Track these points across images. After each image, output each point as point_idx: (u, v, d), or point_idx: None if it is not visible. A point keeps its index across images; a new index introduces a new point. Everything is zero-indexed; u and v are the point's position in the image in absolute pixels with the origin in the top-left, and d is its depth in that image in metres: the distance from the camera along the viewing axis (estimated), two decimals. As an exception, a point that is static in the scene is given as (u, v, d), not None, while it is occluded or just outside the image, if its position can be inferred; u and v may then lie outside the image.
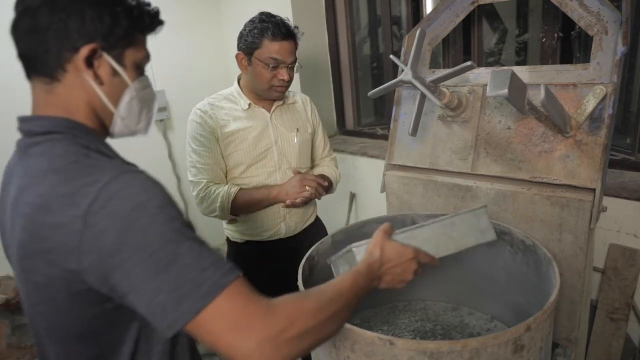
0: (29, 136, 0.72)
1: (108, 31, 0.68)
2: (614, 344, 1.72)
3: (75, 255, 0.62)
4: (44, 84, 0.70)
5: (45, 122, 0.70)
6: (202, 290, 0.61)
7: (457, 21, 1.46)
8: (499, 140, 1.30)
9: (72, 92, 0.70)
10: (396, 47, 2.52)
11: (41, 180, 0.65)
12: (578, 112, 1.16)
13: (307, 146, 1.72)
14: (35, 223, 0.64)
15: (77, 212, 0.61)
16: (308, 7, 2.62)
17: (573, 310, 1.23)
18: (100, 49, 0.69)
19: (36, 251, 0.65)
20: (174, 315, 0.61)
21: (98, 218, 0.61)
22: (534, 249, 1.15)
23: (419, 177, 1.46)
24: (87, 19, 0.67)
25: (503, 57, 2.46)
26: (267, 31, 1.45)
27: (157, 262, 0.61)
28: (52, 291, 0.67)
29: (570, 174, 1.18)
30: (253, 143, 1.59)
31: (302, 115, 1.72)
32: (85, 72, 0.69)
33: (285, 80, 1.52)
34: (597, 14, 1.18)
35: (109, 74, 0.71)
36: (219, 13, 3.03)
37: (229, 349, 0.62)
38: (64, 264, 0.63)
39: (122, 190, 0.62)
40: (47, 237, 0.63)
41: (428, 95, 1.23)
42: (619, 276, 1.70)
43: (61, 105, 0.71)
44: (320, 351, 0.99)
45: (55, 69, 0.68)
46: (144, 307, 0.63)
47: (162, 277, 0.61)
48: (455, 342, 0.81)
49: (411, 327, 1.33)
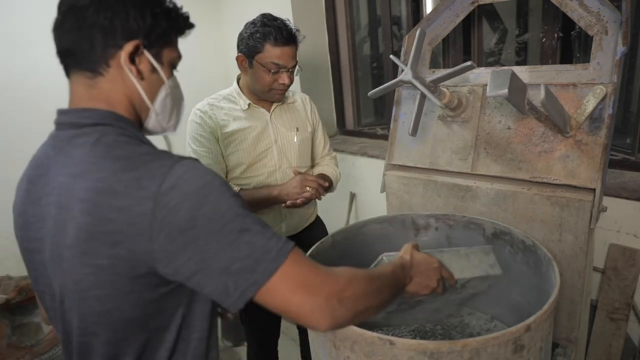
0: (74, 128, 0.74)
1: (149, 30, 0.73)
2: (614, 344, 1.72)
3: (145, 236, 0.65)
4: (86, 78, 0.74)
5: (93, 114, 0.74)
6: (271, 255, 0.67)
7: (457, 21, 1.46)
8: (499, 140, 1.30)
9: (114, 86, 0.74)
10: (396, 47, 2.51)
11: (100, 167, 0.68)
12: (578, 112, 1.16)
13: (307, 145, 1.72)
14: (100, 206, 0.66)
15: (147, 194, 0.65)
16: (308, 7, 2.62)
17: (573, 310, 1.23)
18: (142, 46, 0.74)
19: (101, 233, 0.66)
20: (250, 281, 0.66)
21: (169, 197, 0.65)
22: (534, 249, 1.15)
23: (419, 177, 1.46)
24: (131, 18, 0.72)
25: (503, 57, 2.46)
26: (270, 36, 1.44)
27: (230, 232, 0.66)
28: (113, 273, 0.68)
29: (570, 174, 1.18)
30: (253, 143, 1.59)
31: (301, 114, 1.72)
32: (127, 68, 0.73)
33: (286, 84, 1.53)
34: (597, 14, 1.18)
35: (148, 70, 0.76)
36: (219, 13, 3.03)
37: (299, 307, 0.69)
38: (131, 246, 0.66)
39: (187, 172, 0.67)
40: (114, 220, 0.66)
41: (428, 95, 1.23)
42: (619, 276, 1.70)
43: (104, 99, 0.74)
44: (321, 351, 0.99)
45: (100, 64, 0.73)
46: (215, 280, 0.66)
47: (235, 246, 0.66)
48: (455, 342, 0.81)
49: (411, 327, 1.33)
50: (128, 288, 0.70)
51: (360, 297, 0.74)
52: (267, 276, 0.67)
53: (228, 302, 0.68)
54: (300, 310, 0.69)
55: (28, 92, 2.42)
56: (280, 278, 0.67)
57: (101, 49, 0.71)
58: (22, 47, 2.38)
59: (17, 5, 2.34)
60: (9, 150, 2.41)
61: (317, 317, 0.69)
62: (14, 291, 2.17)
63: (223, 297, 0.68)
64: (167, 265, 0.67)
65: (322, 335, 0.96)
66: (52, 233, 0.73)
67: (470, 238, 1.32)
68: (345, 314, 0.71)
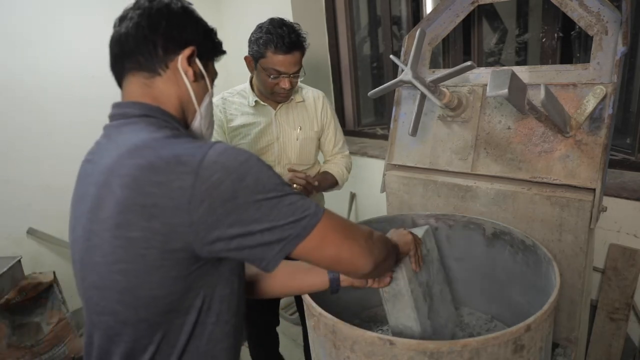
0: (123, 118, 0.81)
1: (201, 42, 0.86)
2: (614, 344, 1.72)
3: (183, 209, 0.68)
4: (143, 78, 0.82)
5: (141, 107, 0.81)
6: (311, 211, 0.74)
7: (457, 21, 1.46)
8: (499, 140, 1.30)
9: (169, 86, 0.83)
10: (396, 47, 2.51)
11: (143, 148, 0.73)
12: (578, 112, 1.16)
13: (310, 144, 1.73)
14: (139, 180, 0.69)
15: (187, 169, 0.68)
16: (308, 7, 2.62)
17: (573, 310, 1.23)
18: (196, 53, 0.85)
19: (137, 205, 0.69)
20: (294, 234, 0.72)
21: (211, 172, 0.68)
22: (534, 249, 1.15)
23: (419, 177, 1.46)
24: (188, 30, 0.84)
25: (503, 57, 2.46)
26: (271, 43, 1.48)
27: (272, 198, 0.71)
28: (145, 247, 0.70)
29: (570, 174, 1.18)
30: (255, 138, 1.65)
31: (309, 113, 1.73)
32: (183, 69, 0.83)
33: (287, 89, 1.56)
34: (597, 14, 1.18)
35: (198, 76, 0.87)
36: (219, 13, 3.03)
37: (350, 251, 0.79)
38: (167, 219, 0.68)
39: (226, 150, 0.72)
40: (151, 193, 0.68)
41: (428, 95, 1.23)
42: (619, 276, 1.70)
43: (157, 97, 0.82)
44: (321, 351, 0.99)
45: (160, 65, 0.82)
46: (257, 239, 0.71)
47: (277, 208, 0.71)
48: (455, 342, 0.81)
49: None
50: (158, 263, 0.71)
51: (382, 241, 0.88)
52: (310, 229, 0.73)
53: (268, 258, 0.73)
54: (352, 253, 0.79)
55: (28, 92, 2.42)
56: (324, 229, 0.75)
57: (163, 52, 0.81)
58: (22, 47, 2.38)
59: (17, 5, 2.34)
60: (9, 150, 2.41)
61: (365, 257, 0.81)
62: (14, 291, 2.16)
63: (265, 253, 0.72)
64: (204, 237, 0.69)
65: (322, 335, 0.96)
66: (88, 210, 0.76)
67: (470, 238, 1.32)
68: (378, 255, 0.84)
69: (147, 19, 0.81)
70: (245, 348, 2.62)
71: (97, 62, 0.98)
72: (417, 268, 1.09)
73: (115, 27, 0.84)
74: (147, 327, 0.76)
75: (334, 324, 0.90)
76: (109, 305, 0.76)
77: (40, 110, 2.47)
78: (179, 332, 0.77)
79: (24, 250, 2.45)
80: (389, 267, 0.96)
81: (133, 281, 0.73)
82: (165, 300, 0.74)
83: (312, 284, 1.02)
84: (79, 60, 2.48)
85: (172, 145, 0.73)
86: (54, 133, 2.49)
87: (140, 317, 0.75)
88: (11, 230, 2.49)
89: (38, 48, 2.42)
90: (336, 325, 0.90)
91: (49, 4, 2.41)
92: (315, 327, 0.99)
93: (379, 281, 1.04)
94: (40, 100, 2.46)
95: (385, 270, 0.96)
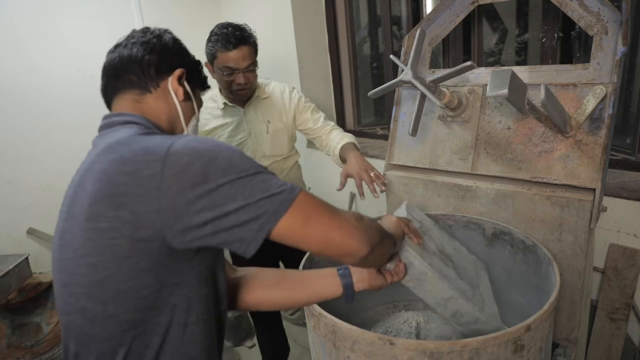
0: (108, 127, 0.84)
1: (190, 67, 0.93)
2: (614, 344, 1.72)
3: (152, 195, 0.67)
4: (134, 95, 0.87)
5: (125, 116, 0.84)
6: (287, 187, 0.71)
7: (457, 21, 1.46)
8: (499, 140, 1.30)
9: (158, 103, 0.88)
10: (396, 47, 2.51)
11: (116, 145, 0.74)
12: (578, 112, 1.16)
13: (280, 135, 1.82)
14: (110, 172, 0.70)
15: (156, 157, 0.68)
16: (308, 7, 2.62)
17: (573, 310, 1.23)
18: (185, 75, 0.91)
19: (106, 196, 0.69)
20: (271, 211, 0.68)
21: (180, 156, 0.68)
22: (534, 249, 1.15)
23: (419, 177, 1.46)
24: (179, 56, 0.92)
25: (503, 57, 2.46)
26: (218, 43, 1.57)
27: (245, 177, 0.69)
28: (113, 237, 0.69)
29: (570, 174, 1.18)
30: (228, 138, 1.76)
31: (277, 106, 1.81)
32: (173, 88, 0.89)
33: (242, 84, 1.63)
34: (597, 14, 1.18)
35: (187, 96, 0.93)
36: (219, 13, 3.03)
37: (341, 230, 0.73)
38: (135, 207, 0.67)
39: (196, 138, 0.72)
40: (120, 183, 0.68)
41: (428, 95, 1.23)
42: (619, 276, 1.70)
43: (144, 110, 0.87)
44: (321, 351, 0.99)
45: (152, 84, 0.87)
46: (231, 221, 0.68)
47: (250, 186, 0.68)
48: (455, 342, 0.81)
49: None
50: (126, 253, 0.69)
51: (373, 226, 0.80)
52: (287, 204, 0.69)
53: (247, 238, 0.69)
54: (343, 233, 0.73)
55: (28, 92, 2.42)
56: (306, 205, 0.71)
57: (155, 72, 0.87)
58: (22, 47, 2.38)
59: (17, 5, 2.34)
60: (9, 150, 2.41)
61: (360, 236, 0.74)
62: (14, 292, 2.17)
63: (243, 233, 0.69)
64: (175, 224, 0.67)
65: (322, 335, 0.96)
66: (65, 210, 0.76)
67: (470, 238, 1.32)
68: (373, 236, 0.78)
69: (142, 44, 0.87)
70: (245, 348, 2.62)
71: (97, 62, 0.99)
72: (419, 240, 1.02)
73: (108, 54, 0.89)
74: (117, 326, 0.73)
75: (334, 324, 0.90)
76: (77, 302, 0.74)
77: (40, 110, 2.47)
78: (152, 332, 0.75)
79: (23, 250, 2.45)
80: (386, 252, 0.88)
81: (102, 273, 0.71)
82: (135, 295, 0.72)
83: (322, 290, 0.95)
84: (79, 60, 2.48)
85: (144, 140, 0.73)
86: (53, 133, 2.49)
87: (109, 313, 0.72)
88: (11, 230, 2.49)
89: (38, 48, 2.42)
90: (336, 325, 0.90)
91: (49, 4, 2.41)
92: (315, 327, 0.99)
93: (396, 274, 0.96)
94: (40, 100, 2.45)
95: (384, 256, 0.89)
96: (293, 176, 1.92)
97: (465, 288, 1.05)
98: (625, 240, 1.69)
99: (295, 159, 1.93)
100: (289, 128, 1.84)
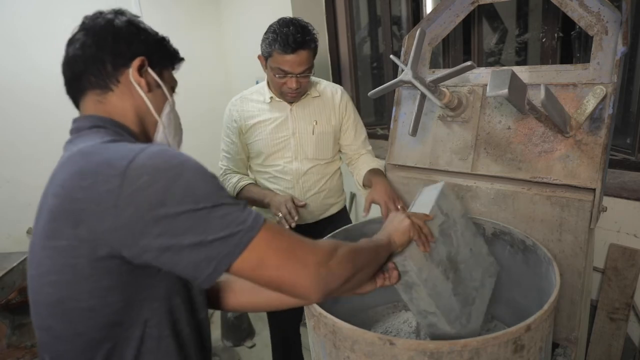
0: (76, 132, 0.80)
1: (151, 52, 0.85)
2: (614, 344, 1.72)
3: (110, 213, 0.64)
4: (96, 95, 0.82)
5: (92, 119, 0.80)
6: (247, 224, 0.67)
7: (457, 21, 1.46)
8: (499, 140, 1.30)
9: (123, 99, 0.82)
10: (396, 47, 2.51)
11: (79, 157, 0.70)
12: (578, 112, 1.16)
13: (326, 138, 1.73)
14: (68, 187, 0.67)
15: (115, 172, 0.64)
16: (308, 7, 2.62)
17: (573, 310, 1.23)
18: (147, 63, 0.84)
19: (65, 212, 0.66)
20: (224, 252, 0.66)
21: (139, 173, 0.64)
22: (534, 249, 1.15)
23: (419, 177, 1.46)
24: (135, 41, 0.83)
25: (503, 57, 2.46)
26: (275, 44, 1.48)
27: (203, 208, 0.65)
28: (73, 256, 0.66)
29: (570, 174, 1.18)
30: (272, 133, 1.68)
31: (326, 107, 1.72)
32: (135, 81, 0.82)
33: (294, 89, 1.56)
34: (597, 14, 1.18)
35: (153, 85, 0.86)
36: (219, 13, 3.03)
37: (292, 275, 0.69)
38: (93, 225, 0.65)
39: (160, 151, 0.68)
40: (79, 199, 0.65)
41: (428, 95, 1.23)
42: (619, 276, 1.70)
43: (110, 112, 0.81)
44: (321, 351, 0.99)
45: (111, 80, 0.81)
46: (187, 255, 0.65)
47: (208, 220, 0.65)
48: (455, 342, 0.81)
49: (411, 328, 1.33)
50: (87, 272, 0.67)
51: (347, 261, 0.76)
52: (243, 246, 0.66)
53: (202, 277, 0.67)
54: (295, 277, 0.69)
55: (28, 92, 2.42)
56: (263, 246, 0.68)
57: (112, 68, 0.81)
58: (22, 47, 2.38)
59: (17, 5, 2.34)
60: (9, 150, 2.41)
61: (312, 283, 0.70)
62: (14, 291, 2.17)
63: (196, 272, 0.66)
64: (132, 245, 0.65)
65: (322, 335, 0.96)
66: (34, 223, 0.74)
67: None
68: (337, 277, 0.73)
69: (93, 37, 0.81)
70: (245, 348, 2.62)
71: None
72: (426, 249, 1.00)
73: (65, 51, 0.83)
74: (86, 343, 0.71)
75: (334, 323, 0.90)
76: (45, 320, 0.73)
77: (40, 110, 2.47)
78: (125, 347, 0.73)
79: (23, 250, 2.45)
80: (365, 277, 0.85)
81: (64, 292, 0.69)
82: (101, 313, 0.69)
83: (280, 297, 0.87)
84: (78, 60, 2.48)
85: (107, 150, 0.69)
86: (53, 133, 2.48)
87: (76, 331, 0.70)
88: (11, 230, 2.49)
89: (38, 48, 2.42)
90: (336, 325, 0.90)
91: (49, 4, 2.41)
92: (315, 327, 0.99)
93: (388, 279, 0.94)
94: (40, 100, 2.46)
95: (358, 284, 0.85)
96: (334, 184, 1.81)
97: (453, 307, 1.03)
98: (625, 240, 1.69)
99: (338, 164, 1.82)
100: (336, 132, 1.76)
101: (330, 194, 1.79)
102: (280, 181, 1.71)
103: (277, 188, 1.71)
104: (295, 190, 1.71)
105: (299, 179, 1.71)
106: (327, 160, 1.75)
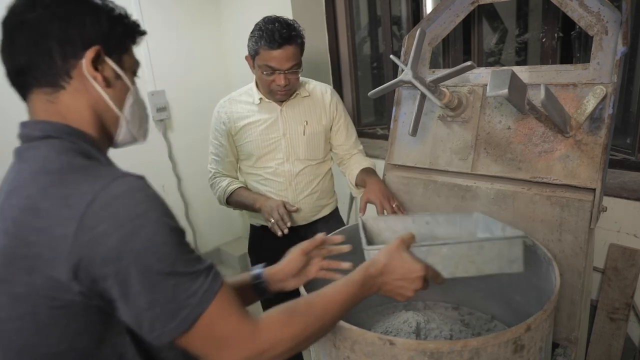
0: (27, 141, 0.70)
1: (107, 36, 0.71)
2: (614, 344, 1.72)
3: (64, 259, 0.59)
4: (45, 94, 0.70)
5: (45, 126, 0.70)
6: (195, 299, 0.63)
7: (457, 21, 1.46)
8: (499, 140, 1.30)
9: (77, 99, 0.71)
10: (396, 47, 2.52)
11: (30, 183, 0.63)
12: (578, 112, 1.16)
13: (317, 138, 1.71)
14: (20, 226, 0.61)
15: (72, 214, 0.59)
16: (308, 7, 2.62)
17: (573, 310, 1.23)
18: (103, 52, 0.71)
19: (18, 257, 0.61)
20: (168, 327, 0.62)
21: (98, 220, 0.58)
22: (534, 249, 1.15)
23: (419, 177, 1.46)
24: (87, 25, 0.69)
25: (503, 57, 2.46)
26: (261, 40, 1.47)
27: (157, 274, 0.61)
28: (32, 304, 0.61)
29: (570, 174, 1.18)
30: (261, 135, 1.65)
31: (316, 107, 1.71)
32: (91, 76, 0.70)
33: (282, 86, 1.53)
34: (597, 14, 1.18)
35: (112, 77, 0.73)
36: (219, 13, 3.03)
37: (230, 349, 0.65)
38: (49, 272, 0.60)
39: (125, 193, 0.61)
40: (33, 242, 0.60)
41: (428, 95, 1.23)
42: (619, 276, 1.70)
43: (64, 114, 0.71)
44: (321, 351, 0.99)
45: (61, 76, 0.69)
46: (132, 317, 0.63)
47: (158, 289, 0.61)
48: (455, 342, 0.81)
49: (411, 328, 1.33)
50: (50, 320, 0.62)
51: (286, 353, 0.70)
52: (186, 324, 0.63)
53: (148, 338, 0.64)
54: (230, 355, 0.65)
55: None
56: (201, 327, 0.64)
57: (61, 60, 0.68)
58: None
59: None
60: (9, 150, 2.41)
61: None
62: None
63: (143, 332, 0.64)
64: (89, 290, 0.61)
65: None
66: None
67: (470, 238, 1.32)
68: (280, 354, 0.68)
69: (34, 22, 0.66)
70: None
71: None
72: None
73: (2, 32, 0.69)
74: None
75: (334, 324, 0.90)
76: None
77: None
78: None
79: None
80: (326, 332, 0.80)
81: (29, 340, 0.64)
82: (73, 354, 0.65)
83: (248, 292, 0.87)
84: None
85: (64, 179, 0.62)
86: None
87: None
88: (11, 230, 2.49)
89: (38, 48, 2.42)
90: (336, 325, 0.90)
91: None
92: (315, 327, 0.99)
93: None
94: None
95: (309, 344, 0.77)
96: (326, 185, 1.79)
97: None
98: (625, 240, 1.69)
99: (329, 165, 1.80)
100: (327, 131, 1.74)
101: (323, 195, 1.77)
102: (272, 183, 1.69)
103: (269, 190, 1.69)
104: (289, 192, 1.69)
105: (292, 180, 1.69)
106: (319, 161, 1.74)
